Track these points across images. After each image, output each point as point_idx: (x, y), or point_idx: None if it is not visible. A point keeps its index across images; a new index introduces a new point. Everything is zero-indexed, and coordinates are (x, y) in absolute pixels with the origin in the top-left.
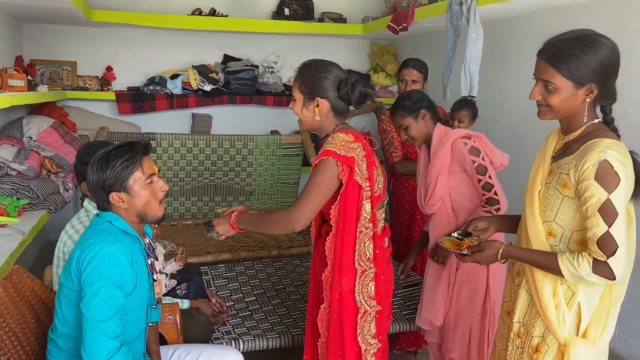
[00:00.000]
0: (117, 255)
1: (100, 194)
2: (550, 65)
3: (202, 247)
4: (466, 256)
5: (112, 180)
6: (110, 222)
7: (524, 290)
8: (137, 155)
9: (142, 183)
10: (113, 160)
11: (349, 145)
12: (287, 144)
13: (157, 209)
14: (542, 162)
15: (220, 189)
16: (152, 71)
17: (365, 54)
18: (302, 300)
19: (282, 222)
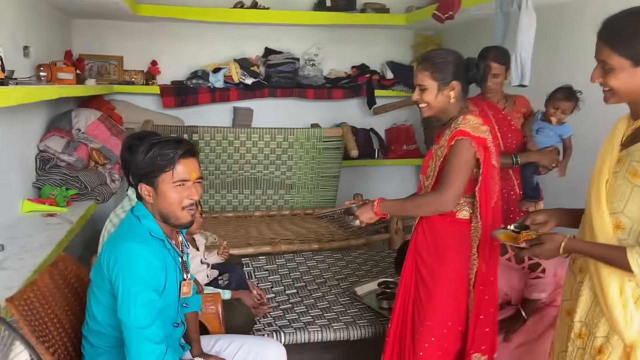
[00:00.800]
0: (147, 256)
1: (133, 180)
2: (605, 44)
3: (243, 239)
4: (524, 250)
5: (144, 170)
6: (139, 219)
7: (587, 287)
8: (174, 155)
9: (170, 185)
10: (153, 151)
11: (480, 128)
12: (328, 137)
13: (179, 214)
14: (609, 150)
15: (261, 182)
16: (195, 65)
17: (409, 45)
18: (344, 294)
19: (432, 204)
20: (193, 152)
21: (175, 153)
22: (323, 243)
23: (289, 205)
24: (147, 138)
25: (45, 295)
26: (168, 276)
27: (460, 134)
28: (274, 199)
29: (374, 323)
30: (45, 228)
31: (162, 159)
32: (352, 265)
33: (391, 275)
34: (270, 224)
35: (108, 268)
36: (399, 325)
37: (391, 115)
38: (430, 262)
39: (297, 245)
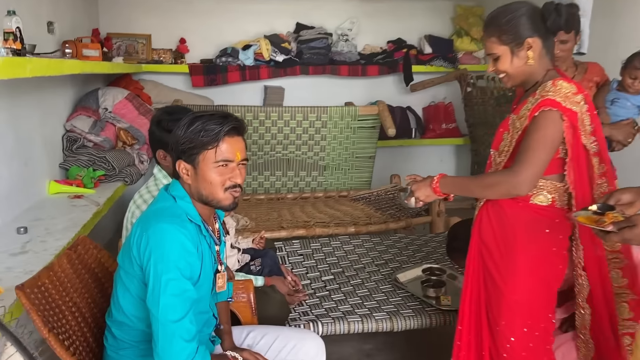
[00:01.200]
0: (183, 240)
1: (173, 155)
2: None
3: (276, 222)
4: (611, 234)
5: (184, 145)
6: (175, 198)
7: None
8: (219, 132)
9: (211, 164)
10: (196, 125)
11: (573, 98)
12: (363, 116)
13: (221, 196)
14: None
15: (293, 163)
16: (224, 43)
17: (448, 17)
18: (385, 282)
19: (503, 185)
20: (240, 129)
21: (220, 129)
22: (360, 226)
23: (323, 187)
24: (178, 113)
25: (63, 281)
26: (204, 265)
27: (547, 104)
28: (306, 180)
29: (420, 313)
30: (71, 210)
31: (205, 135)
32: (393, 250)
33: (436, 260)
34: (304, 207)
35: (139, 250)
36: (472, 324)
37: (429, 92)
38: (498, 255)
39: (333, 228)
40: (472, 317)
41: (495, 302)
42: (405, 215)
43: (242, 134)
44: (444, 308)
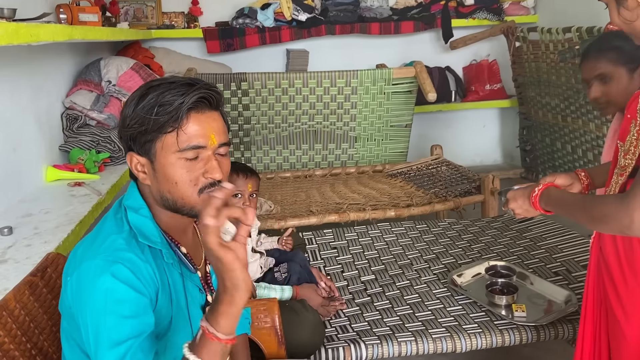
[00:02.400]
0: (112, 285)
1: (123, 146)
2: None
3: (304, 206)
4: None
5: (133, 129)
6: (126, 212)
7: None
8: (181, 105)
9: (174, 155)
10: (148, 98)
11: None
12: (398, 79)
13: (192, 199)
14: None
15: (321, 135)
16: (241, 2)
17: None
18: (439, 283)
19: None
20: (213, 100)
21: (183, 101)
22: (400, 209)
23: (354, 160)
24: None
25: (23, 322)
26: (175, 304)
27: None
28: (336, 154)
29: (488, 328)
30: (69, 201)
31: (161, 112)
32: (443, 239)
33: (499, 255)
34: (334, 185)
35: (66, 296)
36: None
37: (470, 49)
38: (621, 280)
39: (370, 212)
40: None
41: (615, 343)
42: (452, 193)
43: (218, 107)
44: (519, 322)
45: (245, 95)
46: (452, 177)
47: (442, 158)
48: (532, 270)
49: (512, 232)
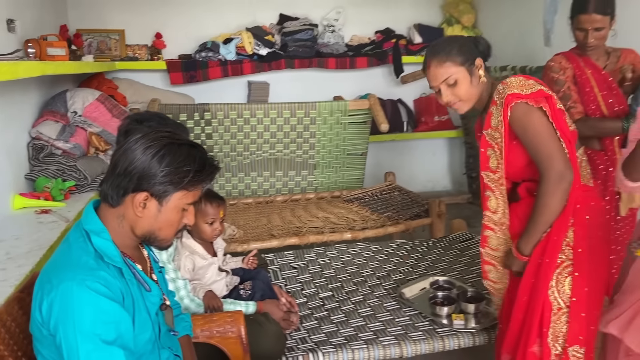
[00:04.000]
0: (95, 298)
1: (129, 181)
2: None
3: (265, 230)
4: None
5: (160, 180)
6: (89, 235)
7: None
8: (206, 175)
9: (182, 206)
10: (181, 161)
11: (528, 83)
12: (353, 111)
13: (169, 237)
14: None
15: (281, 162)
16: (203, 36)
17: (437, 5)
18: (390, 297)
19: (555, 189)
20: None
21: (207, 178)
22: (356, 231)
23: (313, 187)
24: (150, 121)
25: (14, 332)
26: (137, 312)
27: (513, 99)
28: (296, 180)
29: (432, 335)
30: (38, 228)
31: (195, 178)
32: (394, 258)
33: (443, 271)
34: (295, 210)
35: (41, 316)
36: None
37: (420, 83)
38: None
39: (328, 235)
40: None
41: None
42: (403, 217)
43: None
44: (457, 329)
45: (208, 125)
46: (403, 202)
47: (395, 184)
48: (470, 284)
49: (455, 251)
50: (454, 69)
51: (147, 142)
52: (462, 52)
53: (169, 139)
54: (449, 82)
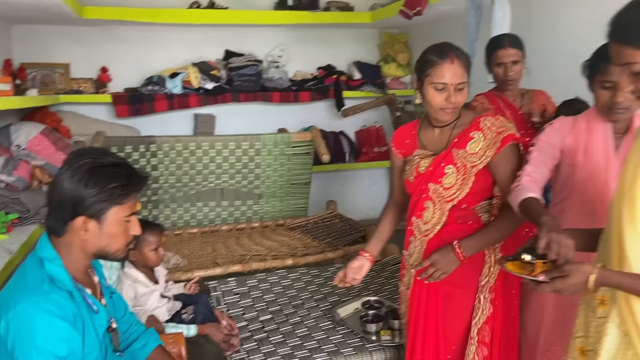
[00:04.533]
0: (48, 318)
1: (64, 210)
2: (625, 44)
3: (210, 258)
4: (542, 284)
5: (93, 201)
6: (42, 262)
7: (614, 326)
8: (136, 186)
9: (122, 219)
10: (106, 180)
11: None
12: (297, 142)
13: (121, 250)
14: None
15: (227, 193)
16: (149, 70)
17: (374, 44)
18: (325, 318)
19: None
20: (146, 183)
21: (136, 186)
22: (297, 257)
23: (259, 216)
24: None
25: None
26: (87, 333)
27: (511, 139)
28: (241, 210)
29: (362, 350)
30: None
31: (122, 191)
32: (331, 282)
33: (374, 292)
34: (239, 239)
35: (0, 335)
36: None
37: (361, 116)
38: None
39: (270, 261)
40: None
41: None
42: (342, 243)
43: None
44: (385, 344)
45: (154, 157)
46: (343, 229)
47: (336, 212)
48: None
49: (386, 273)
50: (466, 77)
51: (71, 171)
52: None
53: (90, 163)
54: (459, 87)
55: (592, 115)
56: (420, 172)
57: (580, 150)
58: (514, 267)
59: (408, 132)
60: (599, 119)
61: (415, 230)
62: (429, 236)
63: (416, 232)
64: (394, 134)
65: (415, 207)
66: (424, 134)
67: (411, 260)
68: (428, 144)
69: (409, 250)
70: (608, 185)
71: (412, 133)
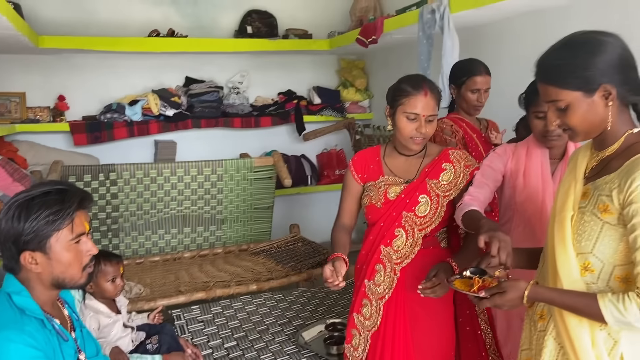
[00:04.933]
0: (22, 349)
1: (9, 249)
2: (549, 84)
3: (173, 286)
4: (483, 300)
5: (30, 235)
6: (10, 295)
7: (551, 338)
8: (68, 208)
9: (67, 243)
10: (37, 211)
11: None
12: (259, 167)
13: (78, 275)
14: (572, 183)
15: (189, 219)
16: (108, 98)
17: (333, 69)
18: (290, 342)
19: None
20: (88, 200)
21: (70, 205)
22: (261, 282)
23: (221, 241)
24: None
25: None
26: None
27: (475, 170)
28: (204, 236)
29: None
30: None
31: (55, 217)
32: (295, 306)
33: (338, 314)
34: (203, 265)
35: None
36: None
37: (321, 140)
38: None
39: (234, 287)
40: None
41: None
42: (306, 266)
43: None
44: None
45: (114, 185)
46: (306, 252)
47: (299, 235)
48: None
49: (349, 295)
50: (436, 110)
51: (6, 210)
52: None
53: (22, 198)
54: (430, 119)
55: (531, 141)
56: (389, 198)
57: (520, 173)
58: (460, 284)
59: (371, 158)
60: (536, 145)
61: (384, 258)
62: (401, 264)
63: (385, 261)
64: (355, 159)
65: (385, 234)
66: (390, 160)
67: (380, 290)
68: (396, 171)
69: (375, 279)
70: (545, 207)
71: (375, 159)
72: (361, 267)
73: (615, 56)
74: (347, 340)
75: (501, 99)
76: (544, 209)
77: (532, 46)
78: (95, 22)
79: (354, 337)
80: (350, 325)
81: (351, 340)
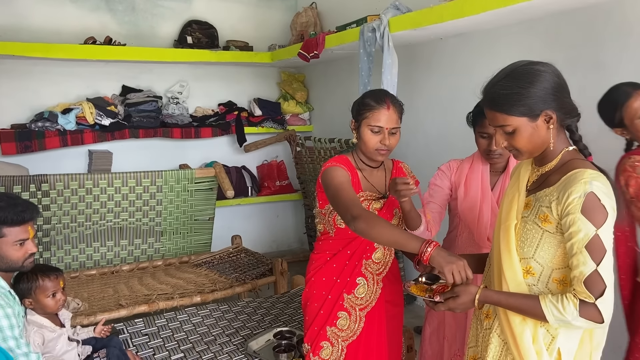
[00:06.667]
0: None
1: None
2: (497, 111)
3: (112, 300)
4: (439, 304)
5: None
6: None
7: (496, 335)
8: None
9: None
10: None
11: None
12: (200, 178)
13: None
14: (516, 195)
15: (127, 231)
16: (40, 106)
17: (274, 82)
18: (238, 352)
19: None
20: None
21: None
22: (205, 294)
23: (161, 253)
24: None
25: None
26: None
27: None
28: (142, 248)
29: None
30: None
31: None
32: (242, 316)
33: (285, 323)
34: (142, 278)
35: None
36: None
37: (262, 151)
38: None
39: (177, 300)
40: None
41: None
42: (249, 277)
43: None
44: None
45: (46, 196)
46: (249, 263)
47: (241, 247)
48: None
49: (295, 304)
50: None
51: None
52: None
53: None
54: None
55: (475, 156)
56: None
57: (461, 185)
58: (415, 289)
59: (351, 168)
60: (480, 160)
61: (366, 272)
62: (382, 274)
63: (367, 274)
64: (340, 160)
65: (367, 248)
66: (366, 174)
67: (362, 302)
68: (372, 185)
69: (356, 292)
70: (482, 216)
71: (354, 171)
72: (335, 280)
73: (552, 84)
74: (314, 352)
75: (436, 115)
76: (481, 217)
77: (464, 63)
78: (27, 27)
79: (324, 350)
80: (319, 338)
81: (319, 353)
